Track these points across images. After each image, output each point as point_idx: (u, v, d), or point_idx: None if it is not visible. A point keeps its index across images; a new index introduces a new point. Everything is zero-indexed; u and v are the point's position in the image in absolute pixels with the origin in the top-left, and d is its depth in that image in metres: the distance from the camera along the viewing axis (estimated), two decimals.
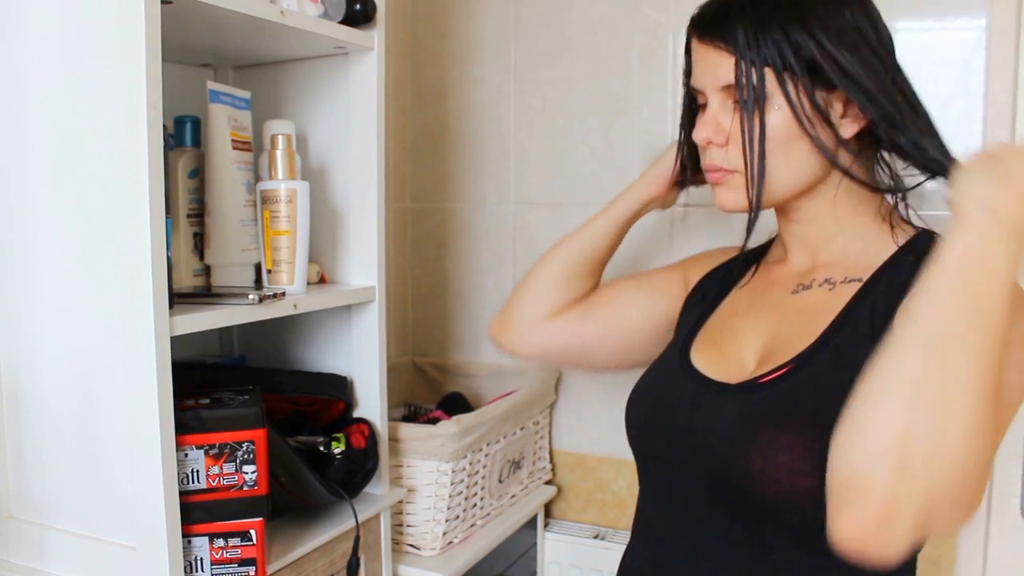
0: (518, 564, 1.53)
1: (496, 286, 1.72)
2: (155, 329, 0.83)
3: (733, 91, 0.78)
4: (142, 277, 0.83)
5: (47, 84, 0.89)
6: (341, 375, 1.20)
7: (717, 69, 0.79)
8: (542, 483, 1.64)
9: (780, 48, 0.75)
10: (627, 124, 1.56)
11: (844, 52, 0.76)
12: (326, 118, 1.20)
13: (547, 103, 1.63)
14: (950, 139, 0.84)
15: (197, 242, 1.09)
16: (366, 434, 1.16)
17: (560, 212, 1.64)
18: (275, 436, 0.98)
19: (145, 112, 0.81)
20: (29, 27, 0.90)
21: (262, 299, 0.97)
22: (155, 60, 0.81)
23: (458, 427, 1.27)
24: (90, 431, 0.91)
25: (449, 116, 1.73)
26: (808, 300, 0.82)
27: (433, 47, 1.74)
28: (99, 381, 0.89)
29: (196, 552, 0.92)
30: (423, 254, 1.79)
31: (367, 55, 1.14)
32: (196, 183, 1.08)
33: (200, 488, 0.91)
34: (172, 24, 0.86)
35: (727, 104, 0.80)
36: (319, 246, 1.20)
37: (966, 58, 1.32)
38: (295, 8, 1.00)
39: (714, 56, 0.79)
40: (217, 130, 1.05)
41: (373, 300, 1.18)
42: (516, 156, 1.67)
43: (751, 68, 0.76)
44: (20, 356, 0.96)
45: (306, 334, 1.26)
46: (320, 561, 1.09)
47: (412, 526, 1.31)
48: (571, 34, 1.60)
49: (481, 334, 1.74)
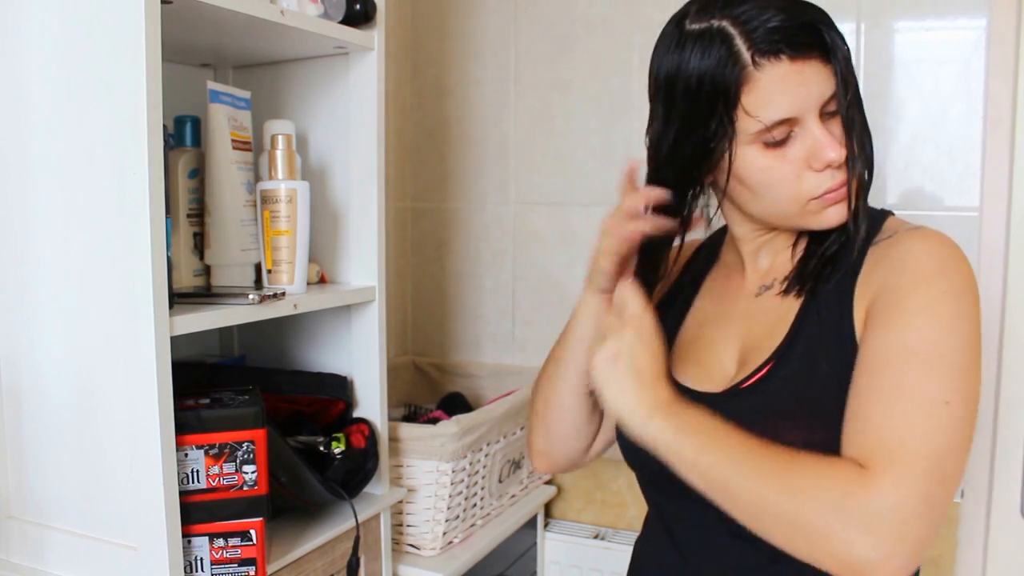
0: (518, 564, 1.53)
1: (496, 286, 1.72)
2: (155, 329, 0.83)
3: (826, 104, 0.72)
4: (142, 277, 0.83)
5: (47, 84, 0.89)
6: (341, 375, 1.20)
7: (820, 83, 0.71)
8: (542, 483, 1.64)
9: (843, 38, 0.72)
10: (627, 124, 1.56)
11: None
12: (326, 118, 1.20)
13: (547, 103, 1.63)
14: (950, 139, 0.84)
15: (197, 242, 1.09)
16: (366, 434, 1.16)
17: (560, 212, 1.64)
18: (275, 436, 0.98)
19: (145, 112, 0.81)
20: (29, 27, 0.90)
21: (262, 299, 0.97)
22: (155, 60, 0.81)
23: (458, 427, 1.27)
24: (90, 431, 0.91)
25: (449, 116, 1.73)
26: (772, 300, 0.82)
27: (433, 47, 1.74)
28: (99, 381, 0.89)
29: (196, 552, 0.92)
30: (423, 254, 1.79)
31: (367, 55, 1.14)
32: (196, 183, 1.08)
33: (200, 488, 0.91)
34: (172, 24, 0.86)
35: (818, 119, 0.72)
36: (319, 246, 1.20)
37: (966, 58, 1.32)
38: (295, 8, 1.00)
39: (812, 70, 0.70)
40: (217, 130, 1.05)
41: (373, 300, 1.18)
42: (516, 156, 1.67)
43: (846, 67, 0.72)
44: (20, 356, 0.96)
45: (306, 334, 1.26)
46: (320, 561, 1.08)
47: (412, 526, 1.31)
48: (571, 34, 1.60)
49: (481, 334, 1.74)
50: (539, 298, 1.68)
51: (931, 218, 1.36)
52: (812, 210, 0.74)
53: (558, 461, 0.96)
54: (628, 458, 0.86)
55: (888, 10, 1.38)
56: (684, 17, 0.74)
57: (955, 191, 1.35)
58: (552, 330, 1.58)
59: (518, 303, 1.70)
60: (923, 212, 1.36)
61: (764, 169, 0.72)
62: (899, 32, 1.38)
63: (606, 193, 1.59)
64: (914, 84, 1.37)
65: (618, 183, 0.81)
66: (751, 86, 0.69)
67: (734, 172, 0.74)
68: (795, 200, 0.74)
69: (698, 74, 0.71)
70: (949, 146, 1.34)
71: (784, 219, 0.77)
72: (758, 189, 0.74)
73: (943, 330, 0.68)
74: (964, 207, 1.34)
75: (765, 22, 0.69)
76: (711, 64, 0.70)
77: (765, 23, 0.69)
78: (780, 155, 0.72)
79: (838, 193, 0.74)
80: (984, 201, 1.33)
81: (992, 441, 1.35)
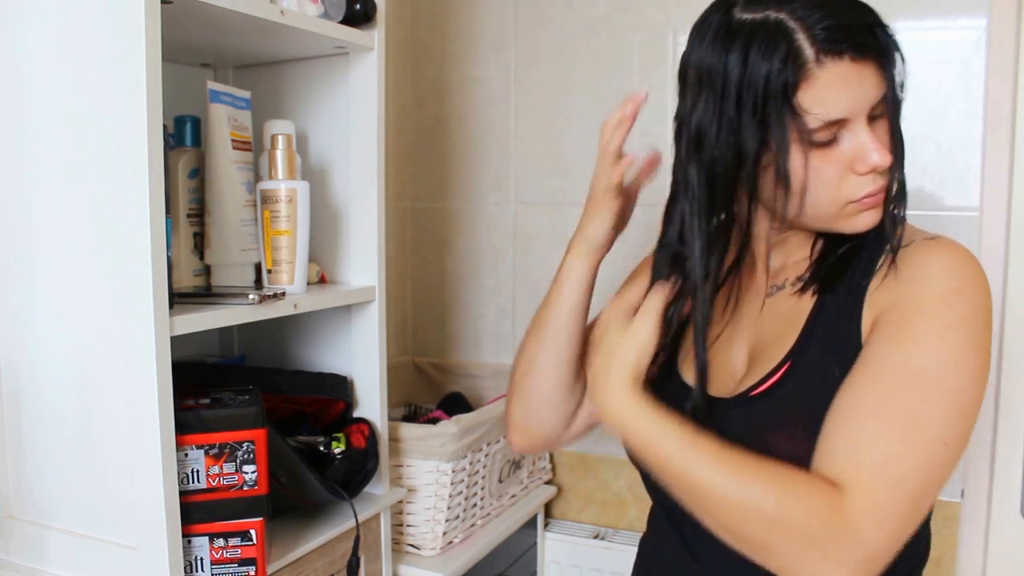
0: (518, 564, 1.53)
1: (496, 286, 1.72)
2: (155, 329, 0.83)
3: (873, 107, 0.71)
4: (142, 277, 0.83)
5: (47, 84, 0.90)
6: (341, 375, 1.20)
7: (874, 86, 0.70)
8: (542, 483, 1.64)
9: (896, 43, 0.72)
10: None
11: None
12: (326, 118, 1.20)
13: (547, 103, 1.63)
14: (950, 139, 0.84)
15: (197, 242, 1.09)
16: (366, 434, 1.16)
17: (560, 212, 1.64)
18: (275, 436, 0.98)
19: (145, 112, 0.81)
20: (29, 27, 0.90)
21: (262, 299, 0.97)
22: (155, 60, 0.81)
23: (458, 427, 1.27)
24: (90, 431, 0.91)
25: (449, 116, 1.73)
26: (784, 300, 0.81)
27: (433, 47, 1.74)
28: (99, 381, 0.89)
29: (196, 552, 0.92)
30: (423, 254, 1.79)
31: (367, 55, 1.14)
32: (196, 183, 1.08)
33: (200, 488, 0.91)
34: (172, 24, 0.86)
35: (866, 122, 0.71)
36: (319, 246, 1.20)
37: (966, 58, 1.32)
38: (295, 8, 1.00)
39: (869, 72, 0.69)
40: (217, 130, 1.05)
41: (373, 300, 1.18)
42: (516, 156, 1.67)
43: (895, 70, 0.71)
44: (20, 356, 0.96)
45: (306, 334, 1.26)
46: (320, 561, 1.08)
47: (412, 526, 1.31)
48: (571, 34, 1.60)
49: (481, 334, 1.74)
50: (539, 298, 1.66)
51: (931, 218, 1.36)
52: (848, 213, 0.72)
53: (535, 437, 0.94)
54: (633, 459, 0.85)
55: (888, 10, 1.38)
56: (732, 6, 0.70)
57: (955, 191, 1.35)
58: None
59: (518, 303, 1.70)
60: (923, 212, 1.36)
61: (810, 169, 0.70)
62: (899, 32, 1.37)
63: None
64: (914, 84, 1.36)
65: (612, 121, 0.81)
66: (810, 83, 0.67)
67: (777, 169, 0.71)
68: (834, 202, 0.72)
69: (751, 67, 0.67)
70: (949, 146, 1.34)
71: (816, 220, 0.75)
72: (798, 189, 0.71)
73: (954, 362, 0.66)
74: (964, 207, 1.34)
75: (825, 19, 0.67)
76: (767, 58, 0.67)
77: (826, 20, 0.67)
78: (826, 156, 0.70)
79: (876, 198, 0.72)
80: (984, 201, 1.33)
81: (992, 441, 1.35)
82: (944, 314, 0.67)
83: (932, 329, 0.67)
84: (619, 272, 0.93)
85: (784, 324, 0.78)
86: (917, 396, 0.65)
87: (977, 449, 1.36)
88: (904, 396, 0.65)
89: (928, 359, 0.66)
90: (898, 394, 0.65)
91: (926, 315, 0.67)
